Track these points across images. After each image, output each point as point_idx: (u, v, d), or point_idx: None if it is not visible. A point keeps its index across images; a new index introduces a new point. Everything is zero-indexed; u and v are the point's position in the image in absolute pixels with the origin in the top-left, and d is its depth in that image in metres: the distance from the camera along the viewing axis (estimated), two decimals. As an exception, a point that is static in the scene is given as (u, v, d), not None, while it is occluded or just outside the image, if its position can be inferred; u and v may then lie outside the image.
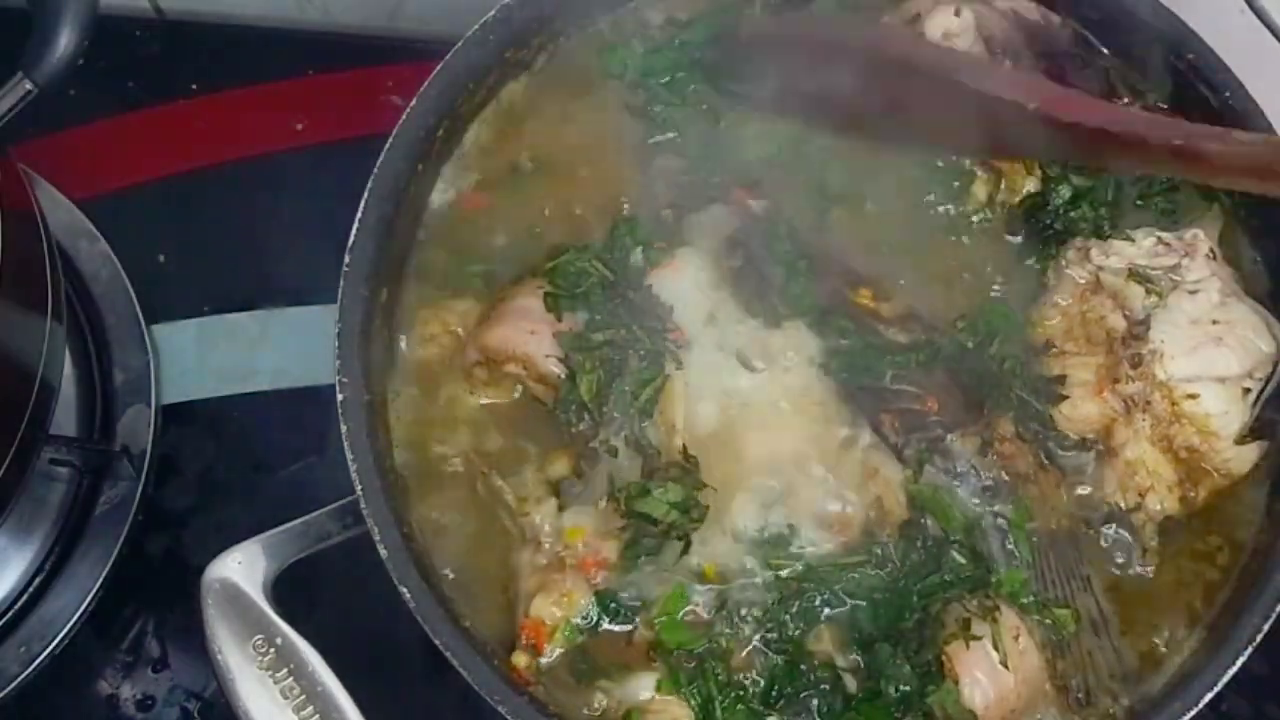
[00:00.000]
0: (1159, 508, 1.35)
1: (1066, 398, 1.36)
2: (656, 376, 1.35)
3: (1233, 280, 1.40)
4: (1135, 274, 1.38)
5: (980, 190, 1.46)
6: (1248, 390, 1.35)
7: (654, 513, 1.30)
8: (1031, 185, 1.45)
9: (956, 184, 1.46)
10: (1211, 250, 1.39)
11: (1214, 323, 1.35)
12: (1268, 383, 1.36)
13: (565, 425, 1.36)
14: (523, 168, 1.48)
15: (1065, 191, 1.44)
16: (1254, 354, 1.35)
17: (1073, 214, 1.43)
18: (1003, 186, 1.46)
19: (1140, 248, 1.40)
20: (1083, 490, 1.36)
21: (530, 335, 1.36)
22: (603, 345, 1.35)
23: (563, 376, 1.35)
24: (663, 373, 1.36)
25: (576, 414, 1.35)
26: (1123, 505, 1.35)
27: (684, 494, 1.31)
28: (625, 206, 1.44)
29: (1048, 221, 1.44)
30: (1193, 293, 1.36)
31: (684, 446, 1.33)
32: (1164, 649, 1.33)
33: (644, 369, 1.36)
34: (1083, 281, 1.40)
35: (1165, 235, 1.40)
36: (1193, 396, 1.33)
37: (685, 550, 1.31)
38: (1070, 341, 1.39)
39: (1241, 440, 1.35)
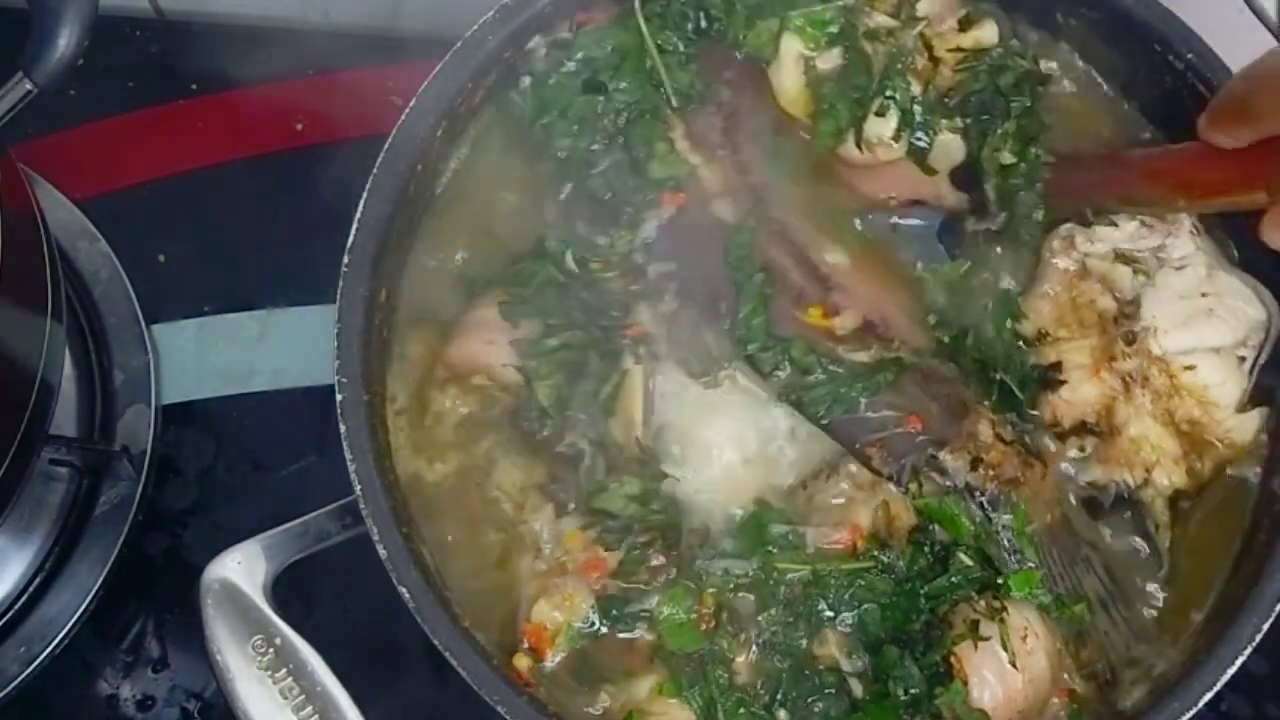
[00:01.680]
0: (1166, 482, 1.35)
1: (1064, 382, 1.36)
2: (614, 374, 1.35)
3: (1216, 252, 1.41)
4: (1121, 256, 1.39)
5: (914, 81, 1.42)
6: (1243, 358, 1.36)
7: (610, 507, 1.30)
8: (1006, 158, 1.44)
9: (892, 85, 1.41)
10: (1194, 225, 1.40)
11: (1203, 295, 1.36)
12: (1262, 349, 1.37)
13: (529, 433, 1.35)
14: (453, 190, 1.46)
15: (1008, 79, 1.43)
16: (1246, 322, 1.36)
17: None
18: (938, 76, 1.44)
19: (1124, 231, 1.40)
20: (1088, 475, 1.36)
21: (489, 346, 1.35)
22: (559, 349, 1.34)
23: (521, 384, 1.35)
24: (620, 368, 1.35)
25: (539, 420, 1.34)
26: (1130, 483, 1.35)
27: (642, 486, 1.30)
28: (548, 236, 1.40)
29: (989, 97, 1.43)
30: (1179, 269, 1.37)
31: (638, 439, 1.32)
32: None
33: (603, 368, 1.35)
34: (1070, 270, 1.41)
35: (1146, 216, 1.40)
36: (1190, 368, 1.34)
37: (677, 540, 1.31)
38: (1063, 328, 1.40)
39: (1242, 409, 1.36)
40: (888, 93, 1.40)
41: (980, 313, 1.40)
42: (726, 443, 1.34)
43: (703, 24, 1.45)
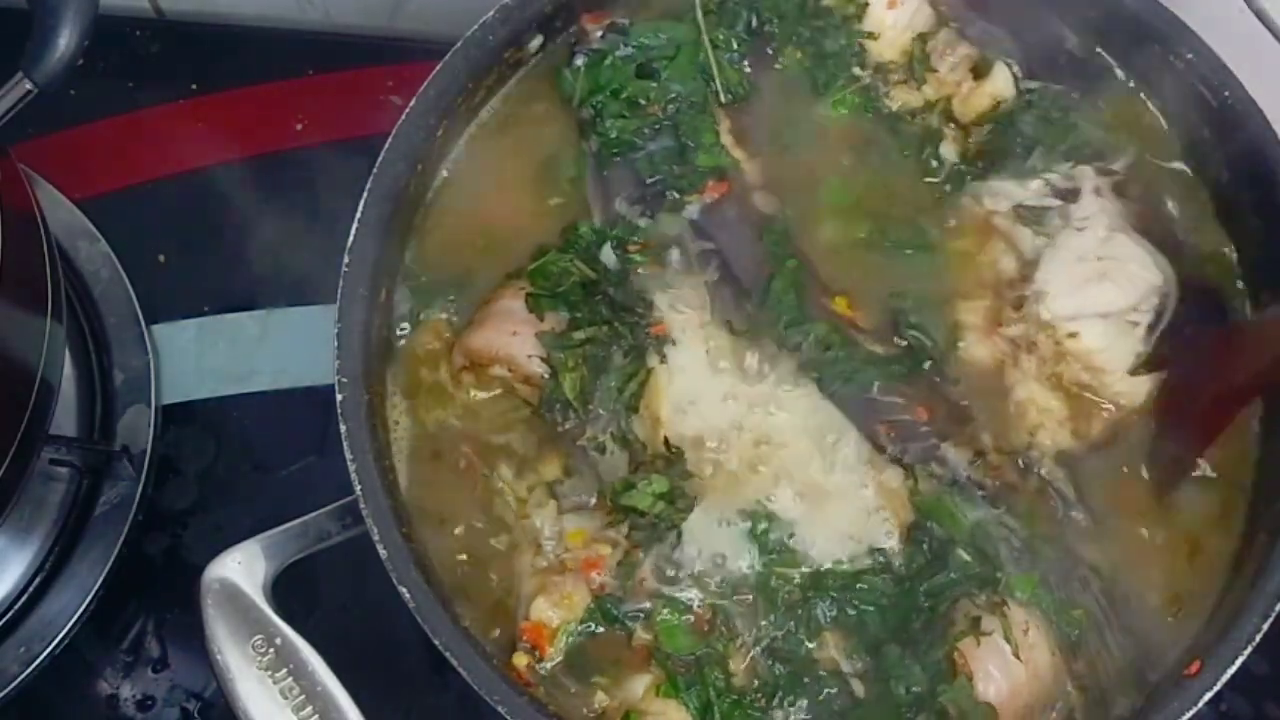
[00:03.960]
0: (1049, 443, 1.37)
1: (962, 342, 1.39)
2: (640, 370, 1.36)
3: (1120, 215, 1.41)
4: (1022, 215, 1.41)
5: (950, 150, 1.47)
6: (1135, 323, 1.37)
7: (640, 505, 1.30)
8: (988, 129, 1.46)
9: (926, 153, 1.46)
10: (1097, 187, 1.41)
11: (1099, 259, 1.38)
12: (1161, 314, 1.37)
13: (551, 425, 1.36)
14: (500, 173, 1.48)
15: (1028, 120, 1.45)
16: (1139, 286, 1.37)
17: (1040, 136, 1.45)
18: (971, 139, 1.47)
19: (1028, 189, 1.42)
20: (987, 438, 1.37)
21: (512, 337, 1.36)
22: (585, 343, 1.36)
23: (546, 376, 1.35)
24: (645, 366, 1.36)
25: (562, 413, 1.36)
26: (1015, 444, 1.37)
27: (669, 485, 1.31)
28: (594, 215, 1.44)
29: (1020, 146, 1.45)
30: (1080, 229, 1.39)
31: (666, 439, 1.33)
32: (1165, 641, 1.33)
33: (627, 364, 1.36)
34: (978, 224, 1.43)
35: (1051, 175, 1.42)
36: (1073, 335, 1.36)
37: (677, 541, 1.31)
38: (966, 284, 1.42)
39: (1136, 372, 1.37)
40: (930, 166, 1.46)
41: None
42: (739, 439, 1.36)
43: (754, 24, 1.49)
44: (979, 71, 1.46)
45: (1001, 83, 1.46)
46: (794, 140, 1.48)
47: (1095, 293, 1.36)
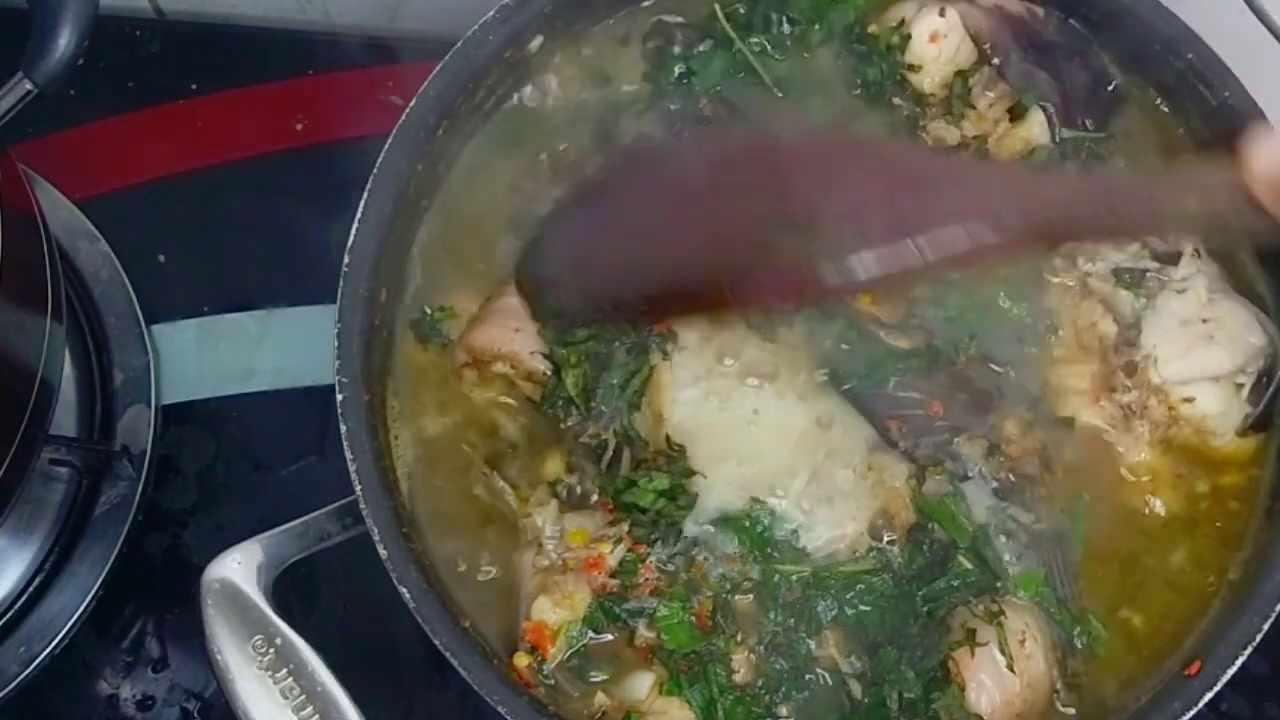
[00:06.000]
0: (1160, 504, 1.36)
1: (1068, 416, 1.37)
2: (642, 367, 1.36)
3: (1218, 276, 1.40)
4: (1122, 279, 1.39)
5: None
6: (1241, 385, 1.36)
7: (641, 502, 1.30)
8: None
9: None
10: (1196, 249, 1.39)
11: (1204, 321, 1.36)
12: (1272, 377, 1.36)
13: (554, 422, 1.36)
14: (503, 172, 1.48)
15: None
16: (1245, 349, 1.35)
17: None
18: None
19: (1125, 252, 1.40)
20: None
21: (515, 334, 1.36)
22: (587, 340, 1.36)
23: (548, 373, 1.35)
24: (648, 363, 1.36)
25: (564, 410, 1.36)
26: (1131, 506, 1.35)
27: (671, 482, 1.31)
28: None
29: None
30: (1180, 291, 1.37)
31: (668, 436, 1.33)
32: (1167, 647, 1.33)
33: (630, 360, 1.36)
34: (1071, 286, 1.41)
35: (1149, 237, 1.40)
36: (1189, 400, 1.34)
37: (678, 539, 1.31)
38: (1063, 349, 1.40)
39: (1244, 433, 1.36)
40: None
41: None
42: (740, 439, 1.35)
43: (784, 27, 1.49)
44: (1015, 114, 1.45)
45: (1037, 127, 1.44)
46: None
47: (1205, 356, 1.34)
